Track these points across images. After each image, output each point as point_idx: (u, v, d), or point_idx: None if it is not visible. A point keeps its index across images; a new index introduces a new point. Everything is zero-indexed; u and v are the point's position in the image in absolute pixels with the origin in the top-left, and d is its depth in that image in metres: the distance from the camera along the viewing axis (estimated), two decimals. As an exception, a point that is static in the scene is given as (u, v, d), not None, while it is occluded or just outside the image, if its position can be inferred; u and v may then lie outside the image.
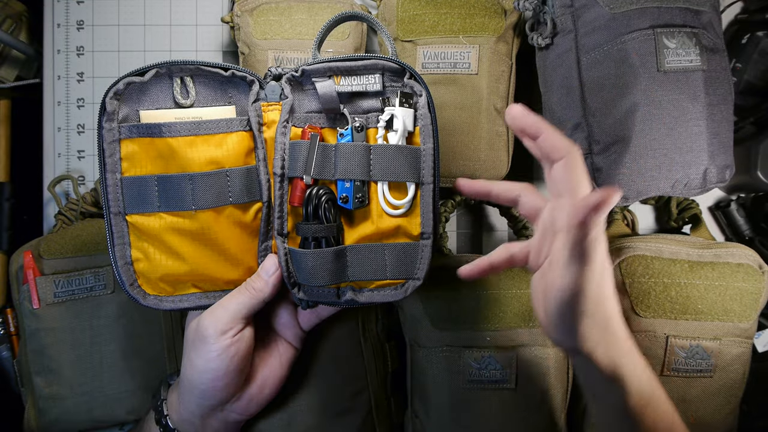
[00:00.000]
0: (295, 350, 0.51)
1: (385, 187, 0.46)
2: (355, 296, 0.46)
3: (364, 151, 0.45)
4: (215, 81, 0.47)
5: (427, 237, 0.46)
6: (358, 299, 0.46)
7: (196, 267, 0.46)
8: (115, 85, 0.44)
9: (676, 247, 0.54)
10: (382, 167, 0.45)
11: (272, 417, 0.53)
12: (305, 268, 0.45)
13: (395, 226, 0.46)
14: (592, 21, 0.49)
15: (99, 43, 0.65)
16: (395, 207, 0.46)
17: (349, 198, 0.45)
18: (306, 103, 0.48)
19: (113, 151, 0.45)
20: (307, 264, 0.45)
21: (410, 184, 0.46)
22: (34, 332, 0.54)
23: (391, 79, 0.47)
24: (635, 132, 0.47)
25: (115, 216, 0.45)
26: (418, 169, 0.45)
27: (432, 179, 0.45)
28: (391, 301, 0.47)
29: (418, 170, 0.45)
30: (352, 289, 0.47)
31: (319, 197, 0.45)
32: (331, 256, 0.45)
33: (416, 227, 0.47)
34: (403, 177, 0.45)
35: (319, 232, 0.45)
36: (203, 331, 0.44)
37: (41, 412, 0.55)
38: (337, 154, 0.45)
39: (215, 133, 0.46)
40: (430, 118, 0.45)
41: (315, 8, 0.58)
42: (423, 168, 0.45)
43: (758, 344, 0.60)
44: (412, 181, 0.46)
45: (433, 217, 0.46)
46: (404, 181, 0.46)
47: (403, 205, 0.46)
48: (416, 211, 0.46)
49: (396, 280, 0.47)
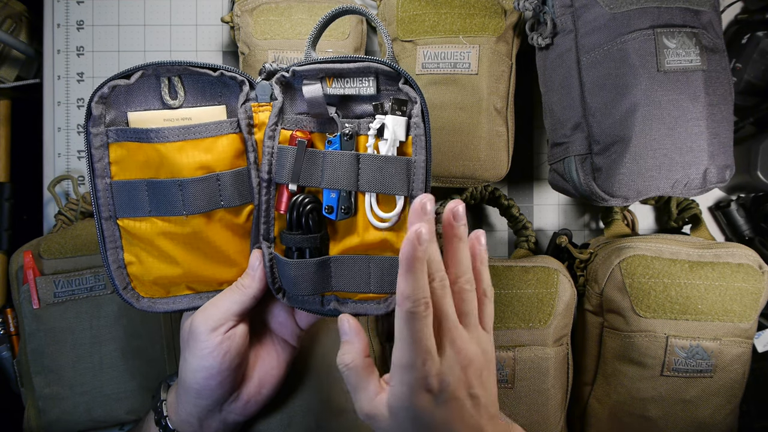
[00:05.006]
0: (294, 349, 0.51)
1: (373, 198, 0.44)
2: (339, 306, 0.46)
3: (353, 160, 0.43)
4: (205, 81, 0.46)
5: None
6: (342, 310, 0.45)
7: (190, 270, 0.46)
8: (100, 88, 0.43)
9: (676, 247, 0.54)
10: (371, 178, 0.43)
11: (271, 417, 0.53)
12: (288, 276, 0.45)
13: (381, 239, 0.44)
14: (592, 21, 0.49)
15: (99, 43, 0.65)
16: (382, 220, 0.44)
17: (335, 208, 0.44)
18: (298, 104, 0.47)
19: (102, 155, 0.44)
20: (290, 273, 0.44)
21: (399, 197, 0.43)
22: (34, 332, 0.54)
23: (386, 83, 0.44)
24: (635, 132, 0.47)
25: (107, 220, 0.45)
26: (409, 181, 0.43)
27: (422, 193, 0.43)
28: (374, 314, 0.45)
29: (408, 183, 0.43)
30: (336, 299, 0.46)
31: (304, 206, 0.44)
32: (314, 267, 0.44)
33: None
34: (392, 189, 0.43)
35: (303, 243, 0.44)
36: (195, 329, 0.44)
37: (41, 412, 0.55)
38: (324, 162, 0.43)
39: (204, 137, 0.45)
40: (424, 128, 0.42)
41: (315, 8, 0.58)
42: (413, 181, 0.42)
43: (758, 344, 0.60)
44: (402, 194, 0.43)
45: None
46: (393, 194, 0.43)
47: (390, 219, 0.44)
48: (404, 226, 0.44)
49: (379, 294, 0.45)
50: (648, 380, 0.53)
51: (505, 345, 0.53)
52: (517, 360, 0.53)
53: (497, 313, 0.53)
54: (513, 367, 0.53)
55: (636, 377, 0.54)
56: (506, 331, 0.53)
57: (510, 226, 0.64)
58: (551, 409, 0.54)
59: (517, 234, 0.63)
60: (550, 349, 0.53)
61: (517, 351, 0.53)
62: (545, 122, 0.56)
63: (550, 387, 0.54)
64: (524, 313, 0.53)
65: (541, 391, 0.53)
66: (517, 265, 0.55)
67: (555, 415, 0.54)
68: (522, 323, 0.53)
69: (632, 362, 0.54)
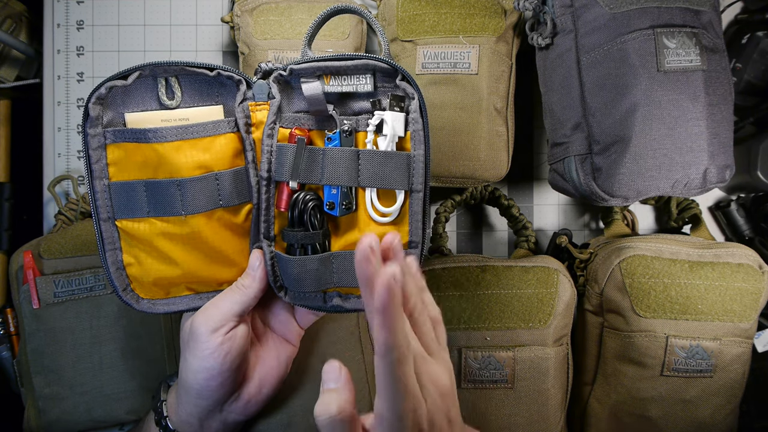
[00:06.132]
0: (294, 349, 0.51)
1: (374, 193, 0.44)
2: (342, 302, 0.46)
3: (353, 156, 0.44)
4: (201, 81, 0.46)
5: (415, 246, 0.44)
6: (345, 305, 0.46)
7: (189, 270, 0.46)
8: (97, 89, 0.43)
9: (676, 247, 0.54)
10: (371, 173, 0.43)
11: (272, 417, 0.53)
12: (290, 273, 0.45)
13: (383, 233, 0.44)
14: (592, 21, 0.49)
15: (99, 43, 0.65)
16: (383, 214, 0.44)
17: (336, 204, 0.44)
18: (295, 103, 0.47)
19: (99, 156, 0.44)
20: (293, 270, 0.44)
21: (399, 192, 0.44)
22: (34, 332, 0.54)
23: (383, 80, 0.45)
24: (635, 132, 0.47)
25: (105, 222, 0.45)
26: (408, 176, 0.43)
27: (422, 187, 0.44)
28: None
29: (408, 177, 0.43)
30: (339, 295, 0.46)
31: (305, 203, 0.44)
32: (316, 263, 0.44)
33: (404, 235, 0.45)
34: (392, 184, 0.43)
35: (305, 239, 0.44)
36: (195, 329, 0.44)
37: (41, 412, 0.55)
38: (324, 159, 0.44)
39: (202, 136, 0.45)
40: (422, 123, 0.43)
41: (315, 8, 0.58)
42: (413, 175, 0.43)
43: (758, 344, 0.60)
44: (402, 189, 0.44)
45: (422, 226, 0.44)
46: (393, 189, 0.44)
47: (391, 213, 0.44)
48: (405, 220, 0.45)
49: None
50: (648, 380, 0.53)
51: (505, 345, 0.53)
52: (517, 360, 0.53)
53: (497, 312, 0.53)
54: (513, 367, 0.53)
55: (636, 377, 0.54)
56: (506, 331, 0.53)
57: (510, 226, 0.64)
58: (551, 409, 0.54)
59: (517, 234, 0.63)
60: (550, 349, 0.53)
61: (517, 351, 0.53)
62: (545, 122, 0.56)
63: (550, 387, 0.54)
64: (524, 313, 0.53)
65: (541, 391, 0.53)
66: (517, 265, 0.55)
67: (555, 415, 0.54)
68: (522, 323, 0.53)
69: (632, 362, 0.54)
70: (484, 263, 0.55)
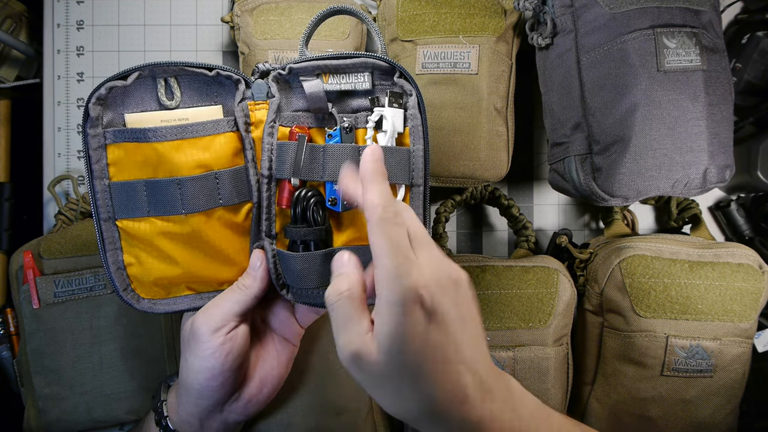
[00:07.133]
0: (294, 348, 0.51)
1: None
2: None
3: (353, 152, 0.44)
4: (201, 81, 0.46)
5: None
6: None
7: (189, 269, 0.46)
8: (97, 90, 0.43)
9: (676, 247, 0.54)
10: None
11: (272, 417, 0.53)
12: (293, 270, 0.45)
13: None
14: (592, 21, 0.49)
15: (99, 43, 0.65)
16: None
17: (338, 200, 0.45)
18: (294, 102, 0.47)
19: (99, 156, 0.44)
20: (296, 267, 0.45)
21: (400, 187, 0.45)
22: (34, 332, 0.54)
23: (380, 78, 0.46)
24: (635, 132, 0.47)
25: (105, 222, 0.45)
26: (409, 170, 0.44)
27: (422, 181, 0.44)
28: None
29: (409, 172, 0.44)
30: None
31: (308, 199, 0.44)
32: (320, 259, 0.44)
33: None
34: (392, 179, 0.44)
35: (308, 235, 0.44)
36: (196, 330, 0.44)
37: (41, 412, 0.55)
38: (325, 155, 0.44)
39: (202, 135, 0.45)
40: (420, 118, 0.44)
41: (315, 8, 0.58)
42: (413, 170, 0.44)
43: (758, 344, 0.60)
44: (402, 183, 0.44)
45: (423, 220, 0.45)
46: (394, 183, 0.44)
47: None
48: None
49: None
50: (648, 380, 0.53)
51: (504, 345, 0.53)
52: (517, 360, 0.53)
53: (497, 312, 0.53)
54: (513, 367, 0.53)
55: (636, 377, 0.54)
56: (506, 331, 0.53)
57: (510, 226, 0.64)
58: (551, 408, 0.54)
59: (517, 234, 0.63)
60: (550, 349, 0.53)
61: (517, 351, 0.53)
62: (545, 122, 0.56)
63: (550, 387, 0.54)
64: (524, 313, 0.53)
65: (541, 391, 0.53)
66: (517, 265, 0.55)
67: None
68: (522, 323, 0.53)
69: (632, 362, 0.54)
70: (484, 263, 0.55)
